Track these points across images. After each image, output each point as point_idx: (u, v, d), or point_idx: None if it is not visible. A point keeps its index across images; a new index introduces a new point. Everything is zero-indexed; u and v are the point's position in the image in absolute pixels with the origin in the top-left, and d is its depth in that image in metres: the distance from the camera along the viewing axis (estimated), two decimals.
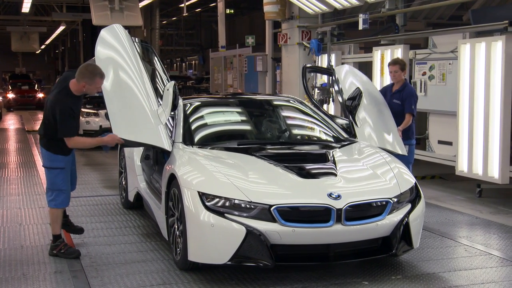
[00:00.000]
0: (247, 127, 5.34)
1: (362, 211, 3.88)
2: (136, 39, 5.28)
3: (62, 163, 4.45)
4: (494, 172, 6.39)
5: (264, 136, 5.14)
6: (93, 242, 4.91)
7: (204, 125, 5.21)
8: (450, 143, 7.24)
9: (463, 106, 6.77)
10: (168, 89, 4.71)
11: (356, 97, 5.29)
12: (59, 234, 4.58)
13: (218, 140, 4.96)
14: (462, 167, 6.81)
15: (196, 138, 4.84)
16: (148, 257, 4.48)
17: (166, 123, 4.68)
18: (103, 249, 4.69)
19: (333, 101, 8.99)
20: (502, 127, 6.27)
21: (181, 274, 4.10)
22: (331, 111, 9.41)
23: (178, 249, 4.14)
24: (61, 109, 4.30)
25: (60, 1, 22.02)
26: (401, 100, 5.76)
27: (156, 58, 5.50)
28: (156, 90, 4.90)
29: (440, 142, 7.48)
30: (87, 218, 5.74)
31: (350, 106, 5.29)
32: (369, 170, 4.30)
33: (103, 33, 4.81)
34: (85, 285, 3.92)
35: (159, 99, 4.84)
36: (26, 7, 21.32)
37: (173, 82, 4.82)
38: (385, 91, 6.06)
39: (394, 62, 5.96)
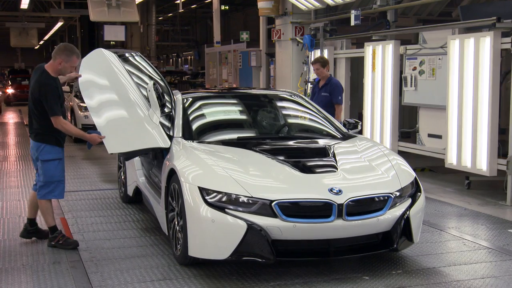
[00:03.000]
0: (246, 121, 5.13)
1: (363, 206, 3.70)
2: (133, 52, 5.23)
3: (60, 154, 4.36)
4: (483, 165, 6.31)
5: (264, 130, 4.95)
6: (92, 237, 4.72)
7: (204, 120, 5.00)
8: (439, 137, 7.14)
9: (452, 100, 6.68)
10: (149, 90, 4.60)
11: (355, 123, 5.22)
12: (54, 225, 4.46)
13: (218, 134, 4.75)
14: (451, 159, 6.72)
15: (196, 133, 4.64)
16: (148, 252, 4.30)
17: (160, 121, 4.50)
18: (103, 244, 4.50)
19: None
20: (490, 121, 6.18)
21: (181, 269, 3.92)
22: None
23: (178, 245, 3.95)
24: (48, 90, 4.22)
25: None
26: (329, 92, 6.42)
27: (148, 64, 5.25)
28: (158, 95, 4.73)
29: (430, 135, 7.38)
30: (86, 213, 5.54)
31: (348, 125, 5.16)
32: (369, 165, 4.12)
33: (84, 60, 4.77)
34: (83, 276, 3.79)
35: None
36: (24, 3, 20.90)
37: (152, 82, 4.68)
38: (313, 88, 6.74)
39: (315, 61, 6.64)
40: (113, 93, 4.57)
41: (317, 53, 9.62)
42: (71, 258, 4.13)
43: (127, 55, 5.10)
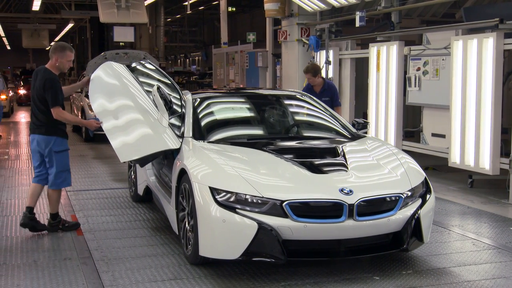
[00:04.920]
0: (256, 121, 5.01)
1: (374, 206, 3.59)
2: (141, 60, 5.16)
3: (67, 145, 4.63)
4: (485, 164, 6.21)
5: (274, 130, 4.84)
6: (103, 235, 4.63)
7: (214, 120, 4.89)
8: (443, 136, 7.03)
9: (455, 100, 6.57)
10: (154, 95, 4.58)
11: (364, 123, 5.06)
12: (57, 211, 4.71)
13: (228, 134, 4.64)
14: (455, 158, 6.62)
15: (206, 133, 4.53)
16: (159, 251, 4.20)
17: (170, 123, 4.44)
18: (114, 243, 4.41)
19: None
20: (493, 120, 6.08)
21: (192, 268, 3.82)
22: None
23: (189, 244, 3.85)
24: (52, 82, 4.46)
25: None
26: (330, 97, 6.28)
27: (156, 69, 5.17)
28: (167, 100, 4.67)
29: (433, 134, 7.27)
30: (97, 211, 5.45)
31: (357, 125, 5.00)
32: (379, 165, 4.01)
33: (93, 77, 4.85)
34: (93, 272, 3.74)
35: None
36: (36, 5, 20.87)
37: (155, 86, 4.63)
38: (307, 92, 6.30)
39: (306, 71, 6.38)
40: (124, 104, 4.60)
41: (322, 54, 9.51)
42: (82, 255, 4.09)
43: (134, 64, 5.09)
